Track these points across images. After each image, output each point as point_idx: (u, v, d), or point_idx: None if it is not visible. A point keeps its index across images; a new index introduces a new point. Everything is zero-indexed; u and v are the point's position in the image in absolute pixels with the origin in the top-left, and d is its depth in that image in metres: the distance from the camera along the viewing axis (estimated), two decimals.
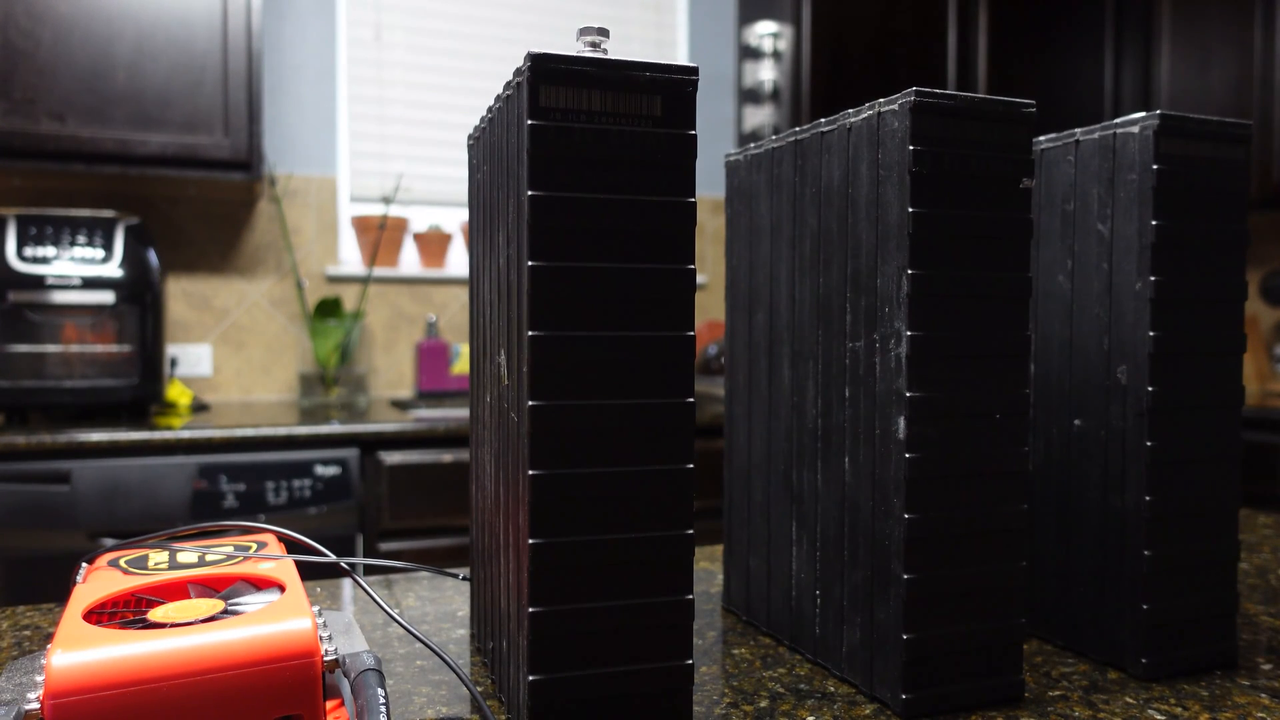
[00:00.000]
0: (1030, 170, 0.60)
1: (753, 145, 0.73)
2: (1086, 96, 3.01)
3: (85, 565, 0.58)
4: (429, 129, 2.68)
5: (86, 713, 0.42)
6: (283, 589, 0.53)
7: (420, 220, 2.71)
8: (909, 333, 0.57)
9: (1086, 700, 0.60)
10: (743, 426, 0.76)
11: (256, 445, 1.92)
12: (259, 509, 1.89)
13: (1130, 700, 0.60)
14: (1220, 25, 2.75)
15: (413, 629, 0.56)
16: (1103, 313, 0.66)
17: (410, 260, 2.70)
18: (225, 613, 0.50)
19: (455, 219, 2.75)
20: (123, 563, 0.58)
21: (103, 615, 0.52)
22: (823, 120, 0.64)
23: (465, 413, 2.26)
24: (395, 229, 2.59)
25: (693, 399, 0.53)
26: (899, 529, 0.58)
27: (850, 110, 0.62)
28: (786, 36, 2.69)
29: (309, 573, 1.71)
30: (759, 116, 2.81)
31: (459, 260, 2.75)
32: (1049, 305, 0.70)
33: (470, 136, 0.68)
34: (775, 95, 2.76)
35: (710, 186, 2.96)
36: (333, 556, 0.60)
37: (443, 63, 2.68)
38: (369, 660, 0.48)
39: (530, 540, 0.50)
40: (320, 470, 1.93)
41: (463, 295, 2.70)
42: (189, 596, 0.55)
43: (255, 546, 0.62)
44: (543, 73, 0.49)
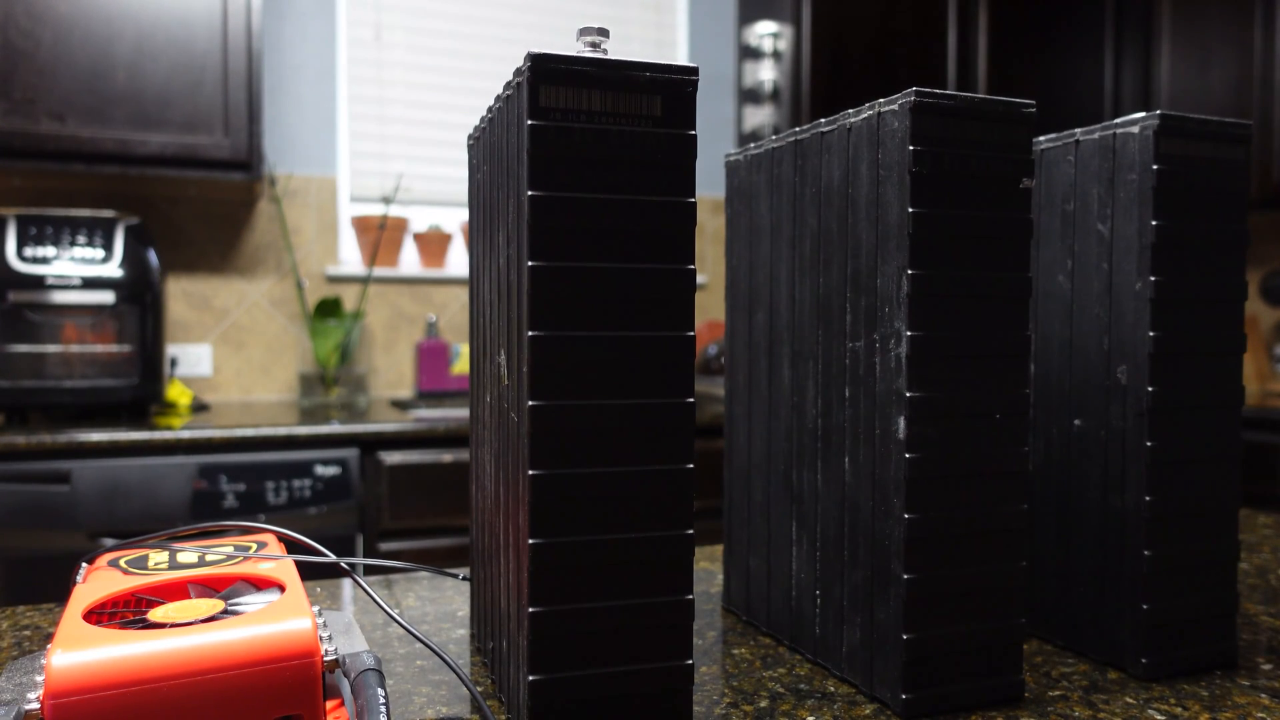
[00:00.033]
0: (1030, 170, 0.60)
1: (753, 145, 0.73)
2: (1086, 96, 3.01)
3: (85, 565, 0.58)
4: (429, 129, 2.68)
5: (86, 713, 0.42)
6: (283, 589, 0.53)
7: (420, 220, 2.71)
8: (909, 333, 0.57)
9: (1086, 700, 0.60)
10: (743, 426, 0.76)
11: (256, 445, 1.92)
12: (259, 509, 1.89)
13: (1130, 700, 0.60)
14: (1220, 25, 2.75)
15: (413, 629, 0.56)
16: (1103, 313, 0.66)
17: (410, 260, 2.70)
18: (225, 613, 0.50)
19: (455, 219, 2.75)
20: (123, 563, 0.58)
21: (103, 615, 0.52)
22: (823, 120, 0.64)
23: (465, 413, 2.26)
24: (395, 229, 2.59)
25: (693, 399, 0.53)
26: (899, 529, 0.58)
27: (850, 110, 0.62)
28: (786, 36, 2.69)
29: (309, 573, 1.71)
30: (759, 116, 2.81)
31: (459, 260, 2.75)
32: (1049, 305, 0.70)
33: (470, 136, 0.68)
34: (775, 95, 2.76)
35: (710, 186, 2.96)
36: (333, 556, 0.60)
37: (443, 63, 2.68)
38: (369, 660, 0.48)
39: (530, 540, 0.50)
40: (320, 470, 1.93)
41: (463, 295, 2.70)
42: (189, 596, 0.55)
43: (255, 546, 0.62)
44: (543, 73, 0.49)
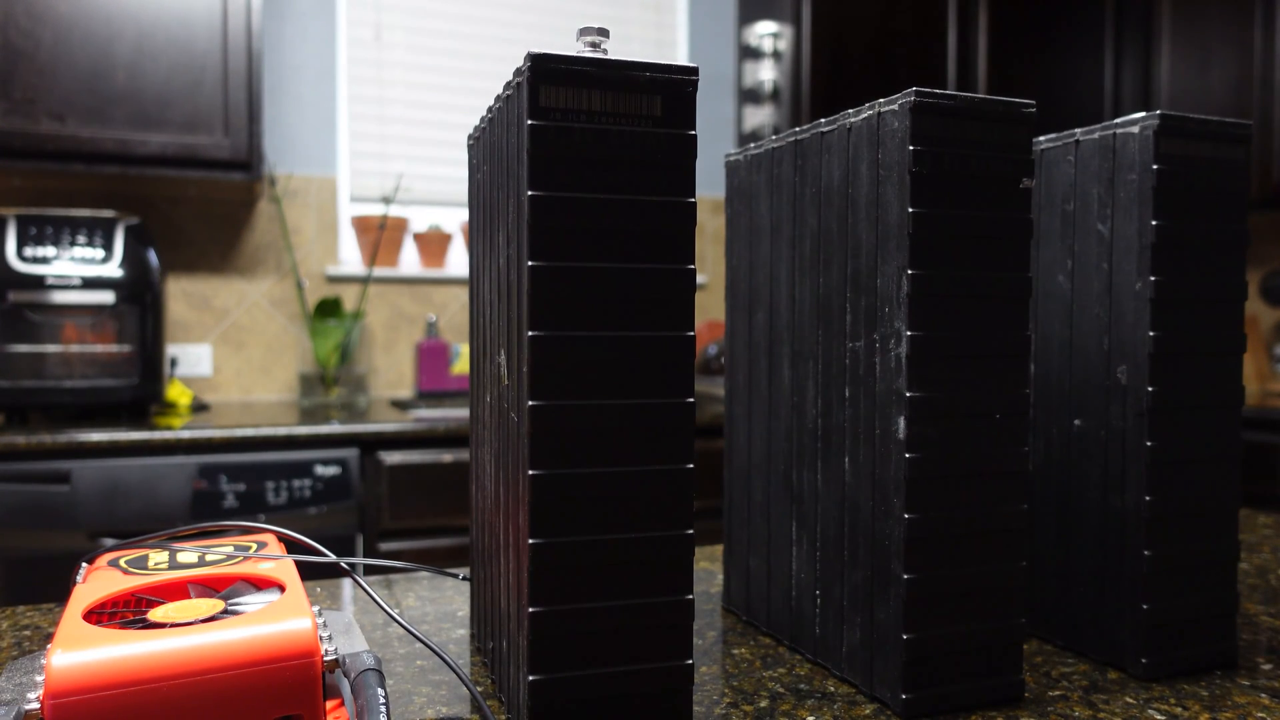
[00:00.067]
0: (1030, 170, 0.60)
1: (753, 145, 0.73)
2: (1086, 96, 3.01)
3: (85, 565, 0.58)
4: (429, 129, 2.68)
5: (86, 713, 0.42)
6: (283, 589, 0.53)
7: (420, 220, 2.71)
8: (909, 333, 0.57)
9: (1086, 700, 0.60)
10: (743, 426, 0.76)
11: (256, 445, 1.92)
12: (259, 509, 1.89)
13: (1130, 700, 0.60)
14: (1220, 25, 2.75)
15: (413, 629, 0.56)
16: (1103, 313, 0.66)
17: (410, 260, 2.70)
18: (225, 613, 0.50)
19: (455, 219, 2.75)
20: (123, 563, 0.58)
21: (103, 615, 0.52)
22: (823, 120, 0.64)
23: (465, 413, 2.26)
24: (395, 229, 2.59)
25: (693, 399, 0.53)
26: (899, 529, 0.58)
27: (850, 110, 0.62)
28: (786, 36, 2.69)
29: (309, 573, 1.71)
30: (759, 116, 2.81)
31: (459, 260, 2.75)
32: (1049, 305, 0.70)
33: (470, 136, 0.68)
34: (775, 95, 2.76)
35: (710, 186, 2.96)
36: (333, 556, 0.60)
37: (443, 63, 2.68)
38: (369, 660, 0.48)
39: (530, 540, 0.50)
40: (320, 470, 1.93)
41: (463, 295, 2.70)
42: (189, 596, 0.55)
43: (255, 546, 0.62)
44: (543, 73, 0.49)
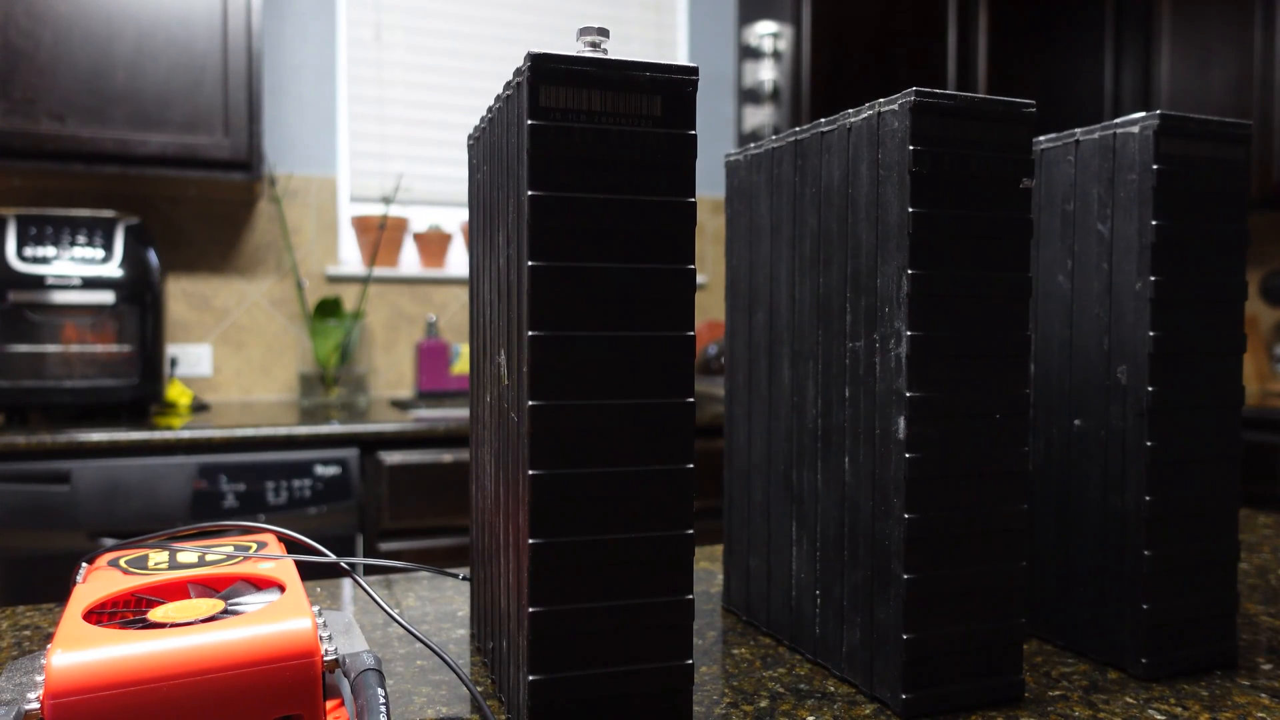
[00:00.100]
0: (1030, 170, 0.60)
1: (753, 145, 0.73)
2: (1086, 96, 3.01)
3: (85, 565, 0.58)
4: (429, 129, 2.68)
5: (86, 713, 0.42)
6: (283, 589, 0.53)
7: (420, 220, 2.71)
8: (909, 333, 0.57)
9: (1086, 700, 0.60)
10: (743, 426, 0.76)
11: (256, 445, 1.92)
12: (259, 509, 1.89)
13: (1130, 700, 0.60)
14: (1220, 25, 2.75)
15: (413, 629, 0.56)
16: (1103, 313, 0.66)
17: (410, 260, 2.70)
18: (225, 613, 0.50)
19: (455, 219, 2.75)
20: (123, 563, 0.58)
21: (103, 615, 0.52)
22: (823, 120, 0.64)
23: (465, 413, 2.26)
24: (395, 229, 2.59)
25: (693, 399, 0.53)
26: (899, 529, 0.58)
27: (850, 110, 0.62)
28: (786, 36, 2.69)
29: (309, 573, 1.71)
30: (759, 116, 2.81)
31: (459, 260, 2.75)
32: (1049, 305, 0.70)
33: (470, 136, 0.68)
34: (775, 95, 2.76)
35: (710, 186, 2.96)
36: (333, 556, 0.60)
37: (443, 63, 2.68)
38: (369, 660, 0.48)
39: (530, 540, 0.50)
40: (320, 470, 1.93)
41: (463, 295, 2.70)
42: (189, 596, 0.55)
43: (255, 546, 0.62)
44: (543, 73, 0.49)
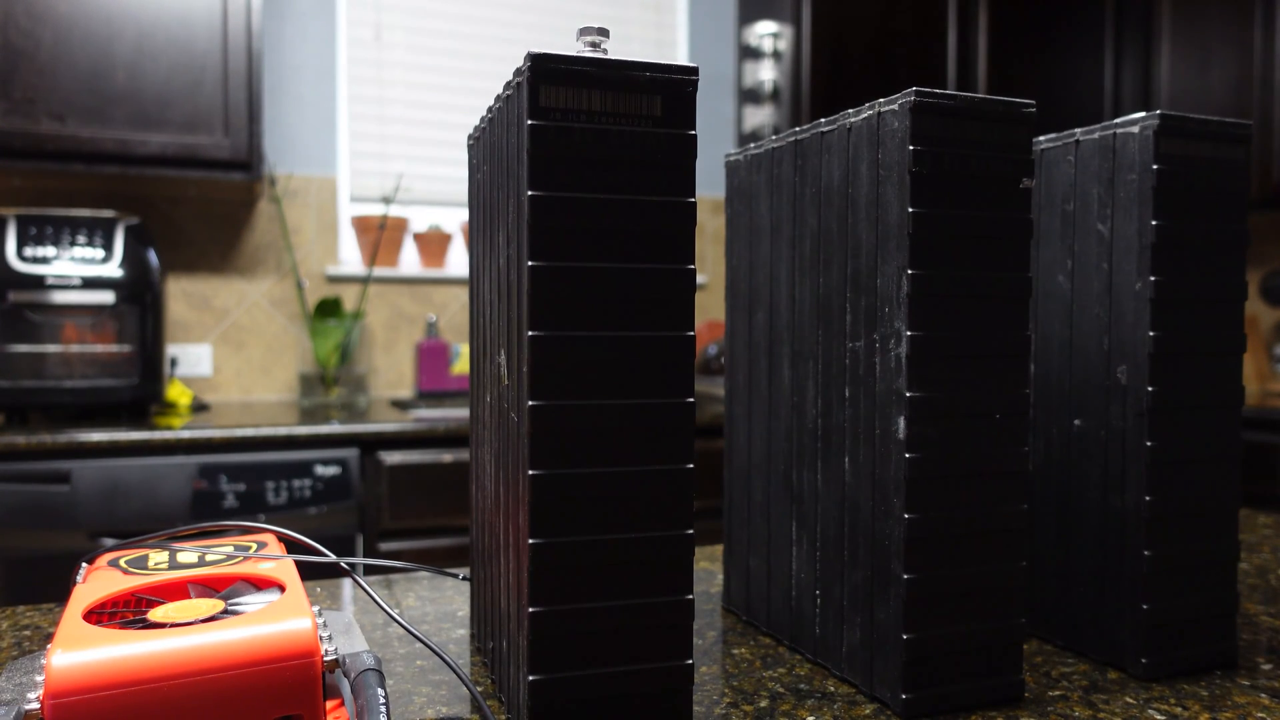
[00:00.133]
0: (1030, 170, 0.60)
1: (753, 145, 0.73)
2: (1086, 96, 3.01)
3: (85, 565, 0.58)
4: (429, 129, 2.68)
5: (86, 713, 0.42)
6: (283, 589, 0.53)
7: (420, 220, 2.71)
8: (909, 333, 0.57)
9: (1086, 700, 0.60)
10: (743, 426, 0.76)
11: (256, 445, 1.92)
12: (259, 509, 1.89)
13: (1130, 700, 0.60)
14: (1220, 25, 2.75)
15: (413, 629, 0.56)
16: (1103, 313, 0.66)
17: (410, 260, 2.70)
18: (225, 613, 0.50)
19: (455, 219, 2.75)
20: (123, 563, 0.58)
21: (103, 615, 0.52)
22: (823, 120, 0.64)
23: (465, 413, 2.26)
24: (395, 229, 2.59)
25: (693, 399, 0.53)
26: (899, 529, 0.58)
27: (850, 110, 0.62)
28: (786, 36, 2.69)
29: (309, 573, 1.71)
30: (759, 116, 2.81)
31: (459, 260, 2.75)
32: (1049, 305, 0.70)
33: (470, 136, 0.68)
34: (775, 95, 2.76)
35: (710, 186, 2.96)
36: (333, 556, 0.60)
37: (443, 63, 2.68)
38: (369, 660, 0.48)
39: (530, 540, 0.50)
40: (320, 470, 1.93)
41: (463, 295, 2.70)
42: (189, 596, 0.55)
43: (255, 546, 0.62)
44: (543, 73, 0.49)
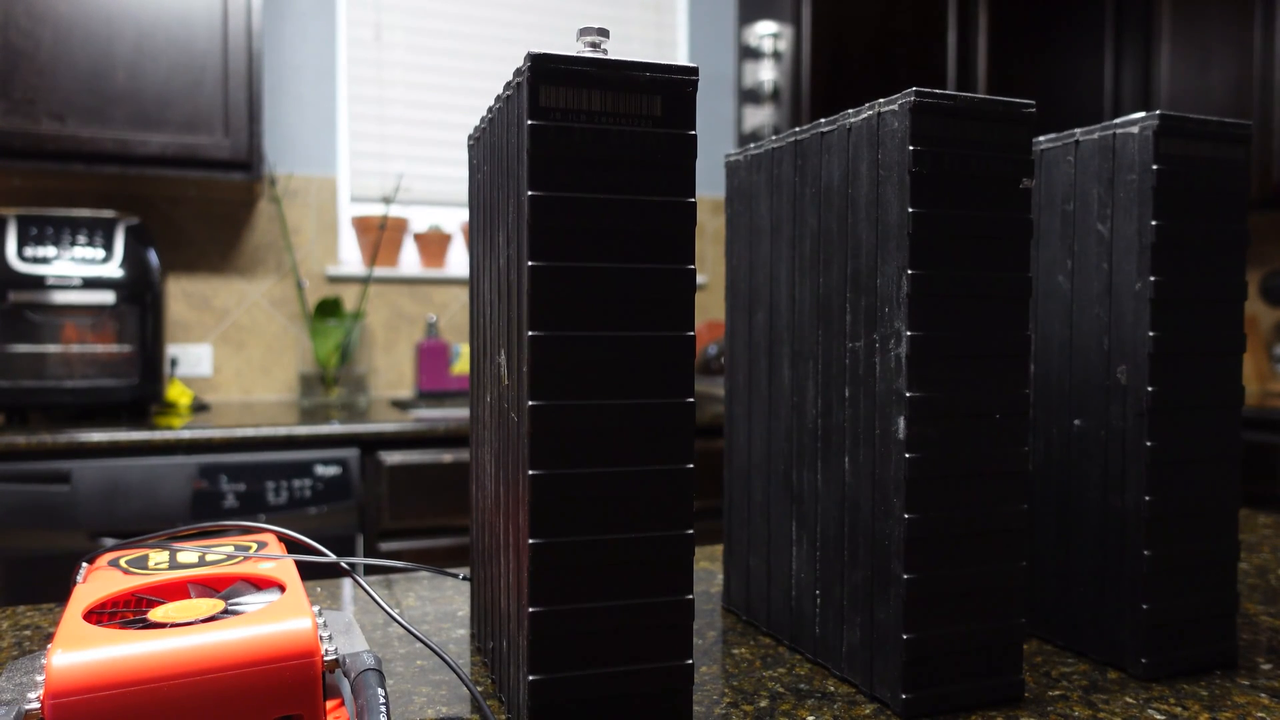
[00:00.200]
0: (1030, 170, 0.60)
1: (753, 145, 0.73)
2: (1086, 96, 3.01)
3: (85, 565, 0.58)
4: (429, 129, 2.68)
5: (86, 713, 0.42)
6: (283, 589, 0.53)
7: (420, 220, 2.71)
8: (909, 333, 0.57)
9: (1086, 700, 0.60)
10: (743, 426, 0.76)
11: (256, 445, 1.92)
12: (259, 509, 1.89)
13: (1130, 700, 0.60)
14: (1220, 25, 2.75)
15: (413, 629, 0.56)
16: (1103, 313, 0.66)
17: (410, 260, 2.70)
18: (225, 613, 0.50)
19: (455, 219, 2.75)
20: (123, 563, 0.58)
21: (103, 615, 0.52)
22: (823, 120, 0.64)
23: (465, 413, 2.26)
24: (395, 229, 2.59)
25: (693, 399, 0.53)
26: (899, 529, 0.58)
27: (850, 110, 0.62)
28: (786, 36, 2.69)
29: (309, 573, 1.71)
30: (759, 116, 2.81)
31: (459, 260, 2.75)
32: (1049, 305, 0.70)
33: (470, 136, 0.68)
34: (775, 95, 2.76)
35: (710, 186, 2.96)
36: (333, 556, 0.60)
37: (443, 63, 2.68)
38: (369, 660, 0.48)
39: (530, 540, 0.50)
40: (320, 470, 1.93)
41: (463, 295, 2.70)
42: (189, 596, 0.55)
43: (255, 546, 0.62)
44: (543, 73, 0.49)
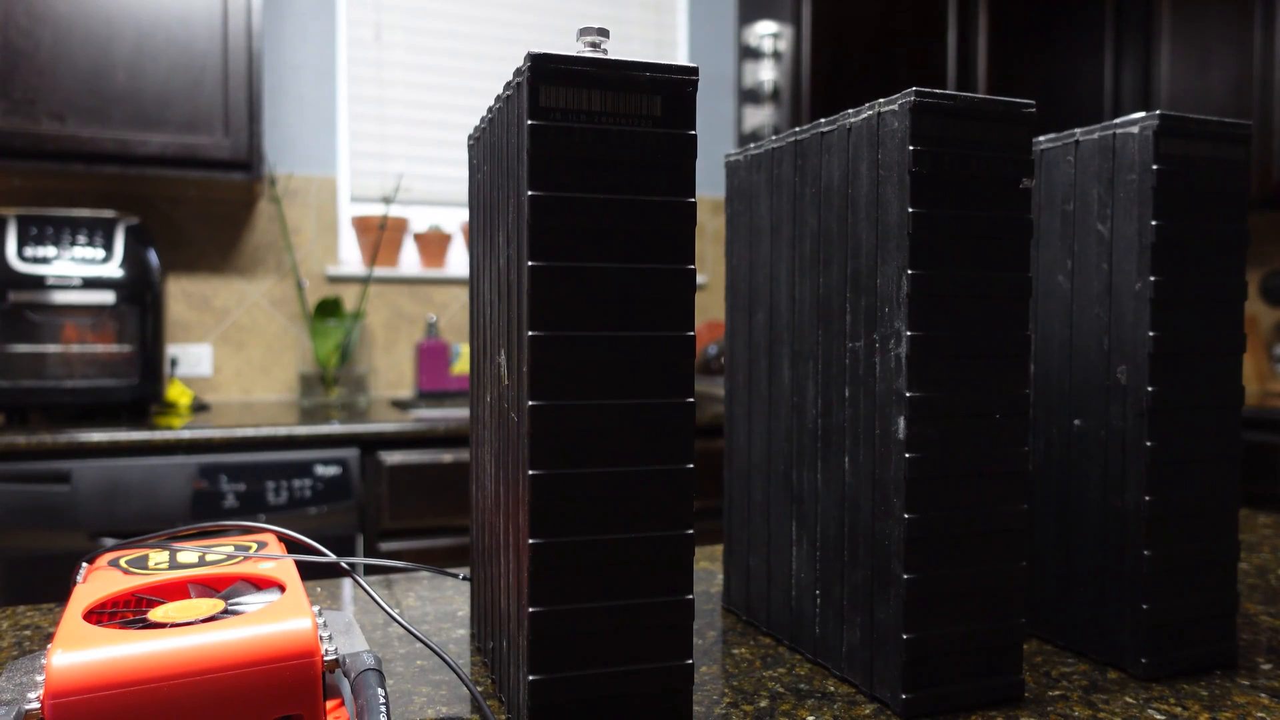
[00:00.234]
0: (1030, 170, 0.60)
1: (753, 145, 0.73)
2: (1086, 96, 3.01)
3: (85, 565, 0.58)
4: (429, 129, 2.68)
5: (87, 713, 0.42)
6: (283, 589, 0.53)
7: (420, 220, 2.71)
8: (909, 333, 0.57)
9: (1086, 700, 0.60)
10: (743, 426, 0.76)
11: (256, 445, 1.92)
12: (259, 509, 1.89)
13: (1130, 700, 0.60)
14: (1220, 25, 2.75)
15: (413, 629, 0.56)
16: (1103, 313, 0.66)
17: (410, 260, 2.70)
18: (225, 613, 0.50)
19: (455, 219, 2.75)
20: (123, 563, 0.58)
21: (103, 615, 0.52)
22: (823, 120, 0.64)
23: (465, 413, 2.26)
24: (395, 229, 2.59)
25: (693, 399, 0.53)
26: (899, 529, 0.58)
27: (850, 110, 0.62)
28: (786, 36, 2.69)
29: (309, 573, 1.71)
30: (759, 116, 2.81)
31: (459, 260, 2.75)
32: (1049, 305, 0.70)
33: (470, 136, 0.68)
34: (775, 95, 2.76)
35: (710, 186, 2.96)
36: (333, 556, 0.60)
37: (443, 63, 2.68)
38: (369, 660, 0.48)
39: (530, 540, 0.50)
40: (320, 470, 1.93)
41: (463, 295, 2.70)
42: (189, 596, 0.55)
43: (255, 546, 0.62)
44: (543, 73, 0.49)
